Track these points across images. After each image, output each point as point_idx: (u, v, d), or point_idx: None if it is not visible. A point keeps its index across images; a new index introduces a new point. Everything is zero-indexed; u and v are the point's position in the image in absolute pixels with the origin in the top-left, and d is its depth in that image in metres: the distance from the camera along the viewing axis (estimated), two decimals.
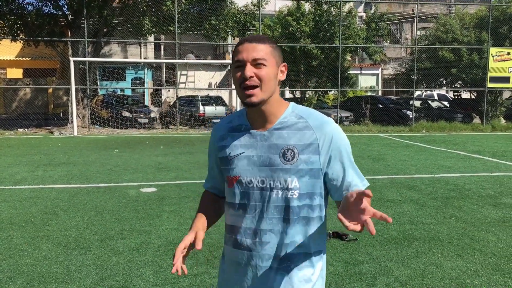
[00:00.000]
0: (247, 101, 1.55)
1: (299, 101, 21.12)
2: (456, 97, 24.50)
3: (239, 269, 1.64)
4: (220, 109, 19.44)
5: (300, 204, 1.57)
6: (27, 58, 25.10)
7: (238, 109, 17.10)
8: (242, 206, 1.61)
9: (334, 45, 19.25)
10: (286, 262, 1.59)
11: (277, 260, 1.59)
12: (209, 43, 21.49)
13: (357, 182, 1.63)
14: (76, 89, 16.82)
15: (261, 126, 1.61)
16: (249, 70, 1.52)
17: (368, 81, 31.65)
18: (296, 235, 1.59)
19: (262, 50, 1.54)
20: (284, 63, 1.62)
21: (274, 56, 1.57)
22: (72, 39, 17.95)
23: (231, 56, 1.63)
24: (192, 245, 1.55)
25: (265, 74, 1.53)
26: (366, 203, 1.34)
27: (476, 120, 21.06)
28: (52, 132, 16.67)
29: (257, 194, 1.58)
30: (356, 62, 30.06)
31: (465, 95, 23.98)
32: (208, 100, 19.61)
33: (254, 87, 1.53)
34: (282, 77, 1.61)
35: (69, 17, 18.24)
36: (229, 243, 1.67)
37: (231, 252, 1.66)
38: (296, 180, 1.55)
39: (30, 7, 17.87)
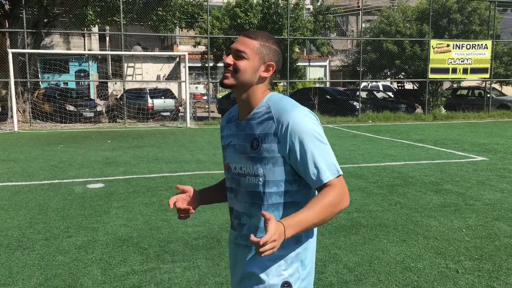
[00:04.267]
0: (220, 82, 1.73)
1: None
2: (400, 88, 25.35)
3: (231, 246, 1.84)
4: (169, 102, 19.13)
5: (267, 190, 1.68)
6: None
7: (188, 102, 17.13)
8: (231, 190, 1.80)
9: (282, 37, 19.37)
10: None
11: None
12: (156, 34, 21.07)
13: (323, 173, 1.62)
14: (16, 82, 16.00)
15: (243, 117, 1.75)
16: (229, 59, 1.69)
17: (316, 72, 32.16)
18: None
19: (247, 44, 1.68)
20: (272, 63, 1.71)
21: (258, 53, 1.69)
22: (10, 30, 17.05)
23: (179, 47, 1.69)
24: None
25: (242, 65, 1.67)
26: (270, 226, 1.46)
27: (419, 110, 21.89)
28: None
29: (237, 180, 1.75)
30: (305, 54, 30.43)
31: (408, 86, 24.84)
32: (157, 93, 19.24)
33: (230, 72, 1.69)
34: (265, 74, 1.71)
35: (6, 6, 17.31)
36: (230, 223, 1.87)
37: (230, 231, 1.87)
38: (261, 167, 1.67)
39: None
